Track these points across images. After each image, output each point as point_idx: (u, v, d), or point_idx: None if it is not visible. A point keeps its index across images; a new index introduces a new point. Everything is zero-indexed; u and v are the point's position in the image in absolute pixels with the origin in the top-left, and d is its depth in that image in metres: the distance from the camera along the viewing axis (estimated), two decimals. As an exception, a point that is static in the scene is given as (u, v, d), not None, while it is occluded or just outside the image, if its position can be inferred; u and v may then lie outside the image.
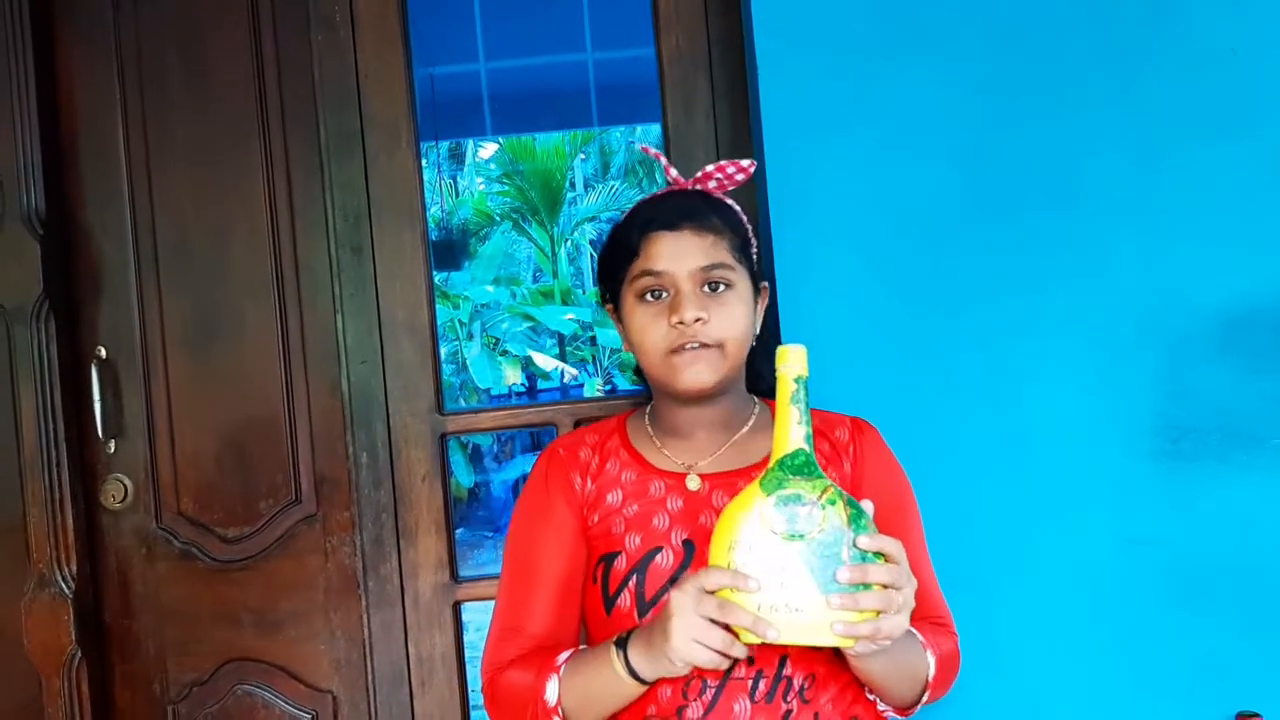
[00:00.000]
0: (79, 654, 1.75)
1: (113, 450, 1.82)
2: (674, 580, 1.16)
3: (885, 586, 0.99)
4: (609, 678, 1.11)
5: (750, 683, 1.13)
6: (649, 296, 1.22)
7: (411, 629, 1.82)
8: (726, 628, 1.01)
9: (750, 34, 1.64)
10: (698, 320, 1.18)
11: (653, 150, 1.31)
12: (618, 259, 1.25)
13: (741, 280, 1.23)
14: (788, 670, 1.14)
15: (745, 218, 1.30)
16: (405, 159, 1.82)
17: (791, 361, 1.05)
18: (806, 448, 1.04)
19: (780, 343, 1.60)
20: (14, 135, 1.76)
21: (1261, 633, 1.58)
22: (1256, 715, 1.56)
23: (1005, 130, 1.60)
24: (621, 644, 1.11)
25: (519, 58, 4.22)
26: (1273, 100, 1.59)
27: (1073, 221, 1.60)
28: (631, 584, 1.19)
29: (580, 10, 3.95)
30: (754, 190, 1.74)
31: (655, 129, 10.29)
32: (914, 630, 1.17)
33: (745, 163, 1.28)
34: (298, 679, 1.82)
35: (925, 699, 1.20)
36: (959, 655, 1.24)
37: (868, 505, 1.04)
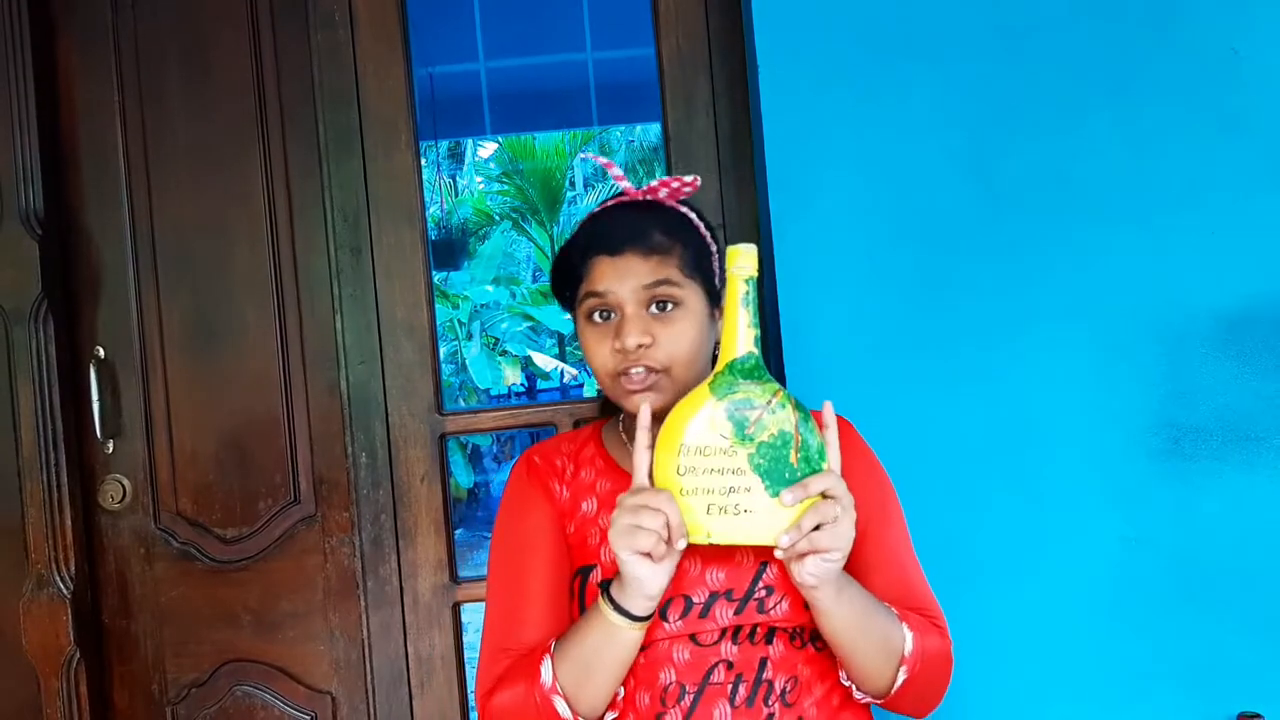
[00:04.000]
0: (77, 654, 1.74)
1: (111, 450, 1.82)
2: None
3: (825, 495, 1.00)
4: (600, 629, 1.07)
5: (730, 687, 1.11)
6: (597, 317, 1.18)
7: (411, 630, 1.81)
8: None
9: (750, 34, 1.64)
10: (640, 346, 1.14)
11: (602, 159, 1.29)
12: (565, 281, 1.23)
13: (692, 296, 1.18)
14: (768, 674, 1.12)
15: (703, 226, 1.24)
16: (404, 158, 1.81)
17: (742, 262, 1.03)
18: (756, 351, 1.03)
19: (781, 348, 1.60)
20: (13, 136, 1.75)
21: (1263, 632, 1.58)
22: (1258, 716, 1.56)
23: (1005, 130, 1.60)
24: (605, 586, 1.08)
25: (518, 57, 4.21)
26: (1273, 100, 1.59)
27: (1072, 221, 1.60)
28: None
29: (580, 10, 3.95)
30: (754, 190, 1.74)
31: (655, 128, 10.29)
32: (892, 608, 1.13)
33: (689, 178, 1.23)
34: (297, 680, 1.82)
35: (902, 683, 1.11)
36: (950, 658, 1.18)
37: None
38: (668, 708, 1.12)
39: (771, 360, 1.69)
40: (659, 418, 1.13)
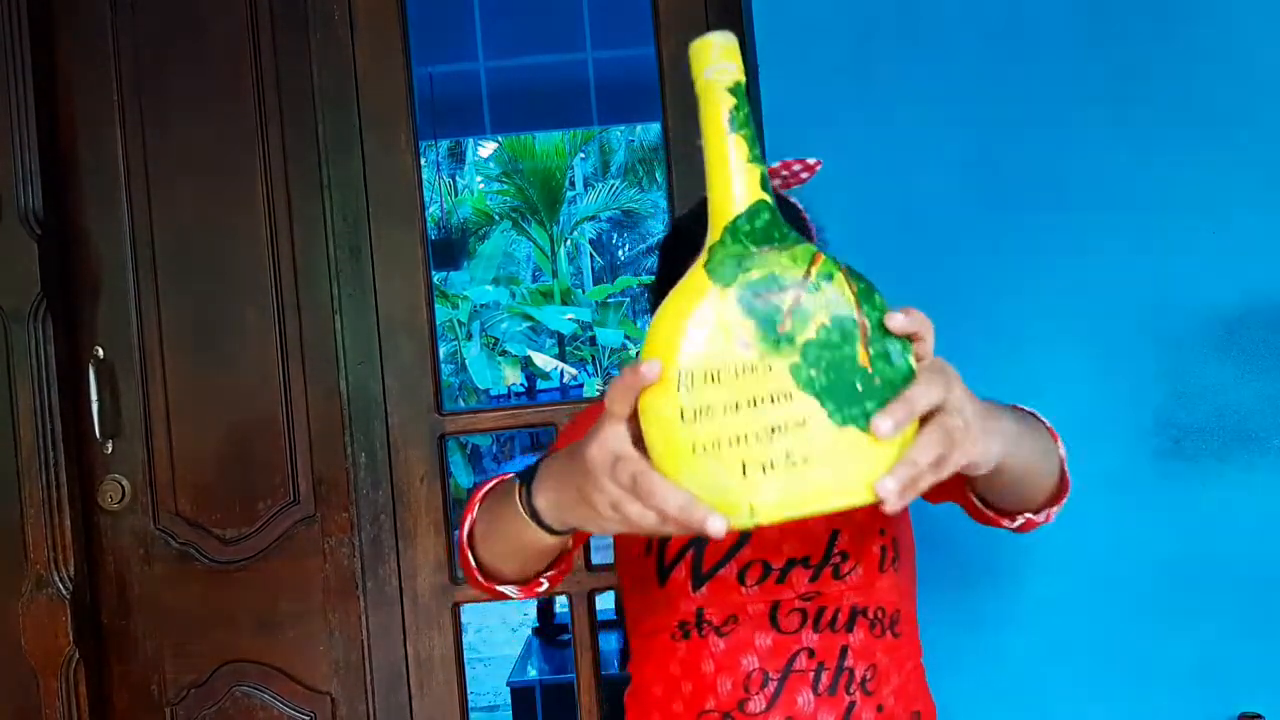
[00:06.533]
0: (76, 655, 1.74)
1: (110, 451, 1.82)
2: (730, 555, 1.12)
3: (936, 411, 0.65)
4: (513, 510, 0.83)
5: (812, 675, 1.11)
6: None
7: (410, 630, 1.81)
8: None
9: (750, 34, 1.64)
10: None
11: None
12: (682, 246, 1.12)
13: None
14: (849, 662, 1.12)
15: (808, 217, 1.22)
16: (404, 158, 1.81)
17: (719, 60, 0.65)
18: (768, 197, 0.65)
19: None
20: (12, 136, 1.75)
21: (1263, 632, 1.58)
22: (1258, 716, 1.56)
23: (1005, 130, 1.60)
24: (529, 476, 0.82)
25: (518, 56, 4.21)
26: (1273, 100, 1.59)
27: (1073, 220, 1.60)
28: (689, 555, 1.13)
29: (580, 9, 3.94)
30: (754, 190, 1.74)
31: (655, 128, 10.29)
32: (1003, 405, 0.87)
33: (812, 160, 1.19)
34: (296, 680, 1.82)
35: (1062, 462, 1.01)
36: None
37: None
38: (751, 694, 1.11)
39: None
40: None
